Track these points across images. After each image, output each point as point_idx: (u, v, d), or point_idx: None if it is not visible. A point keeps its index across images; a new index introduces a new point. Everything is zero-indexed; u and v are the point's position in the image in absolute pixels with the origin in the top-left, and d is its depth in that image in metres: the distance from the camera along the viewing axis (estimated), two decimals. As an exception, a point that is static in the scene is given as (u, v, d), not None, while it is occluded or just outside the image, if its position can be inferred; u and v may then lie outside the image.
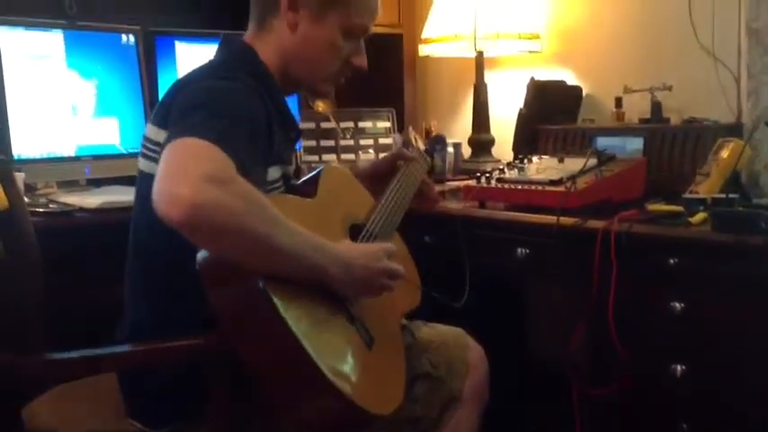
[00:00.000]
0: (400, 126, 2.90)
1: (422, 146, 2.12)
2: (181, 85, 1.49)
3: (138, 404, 1.55)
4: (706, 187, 1.85)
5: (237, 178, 1.22)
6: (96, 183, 2.32)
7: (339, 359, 1.32)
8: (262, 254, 1.24)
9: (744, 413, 1.62)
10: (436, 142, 2.26)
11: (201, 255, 1.28)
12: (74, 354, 1.40)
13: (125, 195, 2.03)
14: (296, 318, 1.25)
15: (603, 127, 2.41)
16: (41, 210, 2.02)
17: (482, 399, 1.73)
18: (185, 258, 1.30)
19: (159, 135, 1.46)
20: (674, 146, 2.14)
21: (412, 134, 2.15)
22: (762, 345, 1.57)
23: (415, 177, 1.96)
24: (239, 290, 1.27)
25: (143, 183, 1.53)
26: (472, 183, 2.18)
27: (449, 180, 2.62)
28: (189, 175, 1.18)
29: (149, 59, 2.45)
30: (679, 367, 1.69)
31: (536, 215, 1.95)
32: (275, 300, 1.24)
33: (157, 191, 1.19)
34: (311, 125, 2.73)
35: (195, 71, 1.54)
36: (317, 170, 1.67)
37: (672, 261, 1.68)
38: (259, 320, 1.26)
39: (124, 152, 2.35)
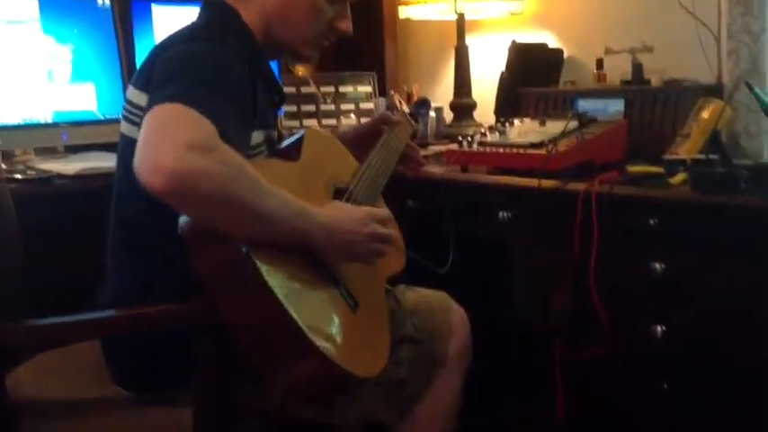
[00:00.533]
0: (381, 90, 2.89)
1: (406, 109, 2.11)
2: (163, 48, 1.47)
3: (123, 370, 1.54)
4: (686, 148, 1.86)
5: (221, 145, 1.21)
6: (74, 149, 2.29)
7: (323, 322, 1.32)
8: (246, 221, 1.24)
9: (723, 372, 1.64)
10: (421, 106, 2.25)
11: (183, 219, 1.27)
12: (57, 319, 1.39)
13: (104, 161, 2.01)
14: (279, 282, 1.25)
15: (584, 89, 2.41)
16: (19, 176, 1.99)
17: (465, 362, 1.74)
18: (171, 225, 1.29)
19: (140, 98, 1.44)
20: (654, 107, 2.14)
21: (396, 98, 2.14)
22: (740, 304, 1.59)
23: (399, 141, 1.95)
24: (222, 255, 1.26)
25: (125, 147, 1.51)
26: (454, 147, 2.18)
27: (431, 144, 2.61)
28: (172, 143, 1.16)
29: (125, 23, 2.41)
30: (659, 327, 1.70)
31: (517, 178, 1.95)
32: (258, 264, 1.23)
33: (140, 160, 1.17)
34: (291, 90, 2.70)
35: (178, 33, 1.52)
36: (300, 133, 1.66)
37: (652, 222, 1.70)
38: (242, 285, 1.26)
39: (102, 118, 2.31)
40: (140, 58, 1.53)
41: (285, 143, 1.66)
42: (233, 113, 1.32)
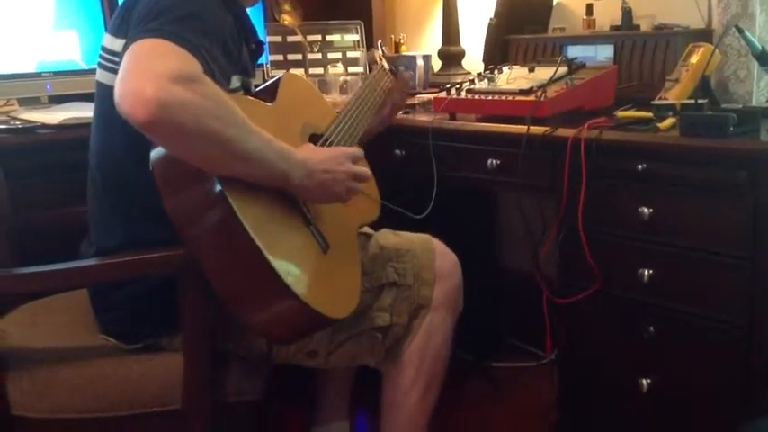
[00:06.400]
0: (369, 39, 2.85)
1: (386, 65, 2.10)
2: None
3: (112, 320, 1.55)
4: (675, 93, 1.84)
5: (204, 78, 1.20)
6: (58, 99, 2.27)
7: (294, 262, 1.32)
8: (226, 157, 1.23)
9: (708, 317, 1.65)
10: (398, 63, 2.23)
11: (156, 153, 1.26)
12: (42, 268, 1.39)
13: (88, 111, 1.98)
14: (252, 221, 1.24)
15: (574, 35, 2.39)
16: (3, 126, 1.98)
17: (455, 307, 1.75)
18: (150, 176, 1.28)
19: (116, 44, 1.42)
20: (644, 53, 2.13)
21: (377, 53, 2.12)
22: (727, 247, 1.59)
23: (377, 92, 1.94)
24: (195, 192, 1.25)
25: (102, 96, 1.49)
26: (442, 95, 2.16)
27: (419, 93, 2.59)
28: (154, 73, 1.15)
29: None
30: (646, 272, 1.71)
31: (506, 125, 1.94)
32: (232, 202, 1.23)
33: (121, 92, 1.16)
34: (278, 39, 2.67)
35: None
36: (277, 77, 1.65)
37: (640, 167, 1.69)
38: (215, 223, 1.25)
39: (86, 68, 2.29)
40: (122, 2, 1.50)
41: (262, 85, 1.65)
42: (217, 54, 1.31)
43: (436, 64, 2.84)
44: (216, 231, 1.25)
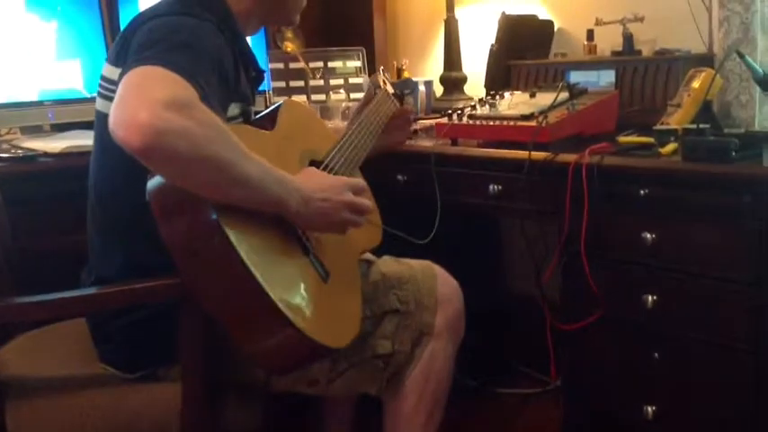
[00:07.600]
0: (371, 65, 2.86)
1: (390, 89, 2.10)
2: (140, 21, 1.45)
3: (110, 349, 1.54)
4: (677, 118, 1.84)
5: (199, 104, 1.20)
6: (60, 128, 2.28)
7: (292, 291, 1.31)
8: (222, 183, 1.22)
9: (713, 342, 1.63)
10: (403, 86, 2.23)
11: (152, 183, 1.25)
12: (42, 297, 1.38)
13: (89, 140, 1.98)
14: (248, 250, 1.23)
15: (575, 60, 2.39)
16: (4, 155, 1.98)
17: (457, 333, 1.74)
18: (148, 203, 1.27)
19: (115, 73, 1.42)
20: (645, 78, 2.13)
21: (380, 77, 2.12)
22: (731, 272, 1.58)
23: (380, 117, 1.94)
24: (191, 221, 1.25)
25: (101, 124, 1.49)
26: (444, 120, 2.16)
27: (420, 118, 2.59)
28: (148, 100, 1.15)
29: (110, -1, 2.39)
30: (650, 297, 1.69)
31: (508, 151, 1.93)
32: (227, 231, 1.22)
33: (115, 118, 1.15)
34: (280, 66, 2.69)
35: (156, 7, 1.50)
36: (277, 104, 1.65)
37: (642, 192, 1.68)
38: (211, 253, 1.24)
39: (87, 96, 2.30)
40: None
41: (261, 113, 1.65)
42: (213, 82, 1.31)
43: (438, 89, 2.84)
44: (211, 261, 1.24)
